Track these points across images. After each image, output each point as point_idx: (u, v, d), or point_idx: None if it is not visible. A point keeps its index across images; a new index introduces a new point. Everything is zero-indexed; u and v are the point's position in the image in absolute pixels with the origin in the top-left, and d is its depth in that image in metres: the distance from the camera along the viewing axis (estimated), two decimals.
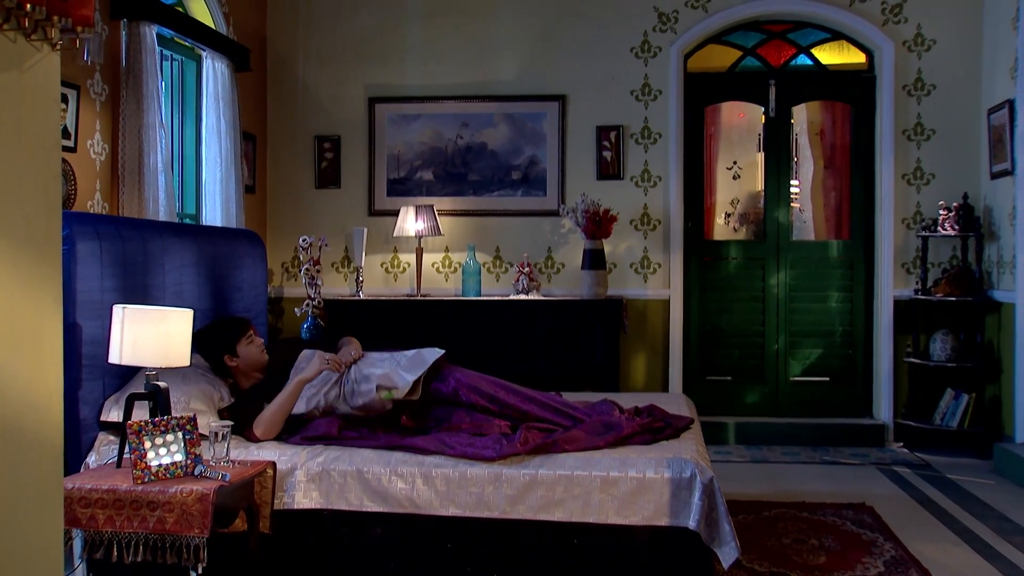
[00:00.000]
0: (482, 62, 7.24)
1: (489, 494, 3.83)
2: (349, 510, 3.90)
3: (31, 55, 1.82)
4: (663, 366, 7.14)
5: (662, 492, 3.77)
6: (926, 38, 6.96)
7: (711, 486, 3.75)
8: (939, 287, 6.71)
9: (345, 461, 3.92)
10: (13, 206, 1.78)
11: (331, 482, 3.91)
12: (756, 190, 7.45)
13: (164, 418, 3.63)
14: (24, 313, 1.81)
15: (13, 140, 1.78)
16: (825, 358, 7.23)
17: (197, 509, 3.41)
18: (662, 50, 7.13)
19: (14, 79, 1.77)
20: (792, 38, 7.27)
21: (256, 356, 4.56)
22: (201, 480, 3.53)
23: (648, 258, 7.14)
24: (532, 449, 3.93)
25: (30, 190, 1.83)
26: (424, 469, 3.87)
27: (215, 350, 4.54)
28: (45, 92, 1.87)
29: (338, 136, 7.34)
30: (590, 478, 3.80)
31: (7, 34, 1.75)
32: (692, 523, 3.70)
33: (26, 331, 1.82)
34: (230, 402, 4.39)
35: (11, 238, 1.77)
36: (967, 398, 6.60)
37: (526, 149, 7.22)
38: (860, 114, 7.19)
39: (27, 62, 1.81)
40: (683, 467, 3.79)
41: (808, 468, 6.27)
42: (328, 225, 7.30)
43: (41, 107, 1.86)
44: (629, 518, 3.77)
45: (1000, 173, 6.54)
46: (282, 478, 3.92)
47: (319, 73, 7.35)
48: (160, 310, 3.73)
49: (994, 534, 4.80)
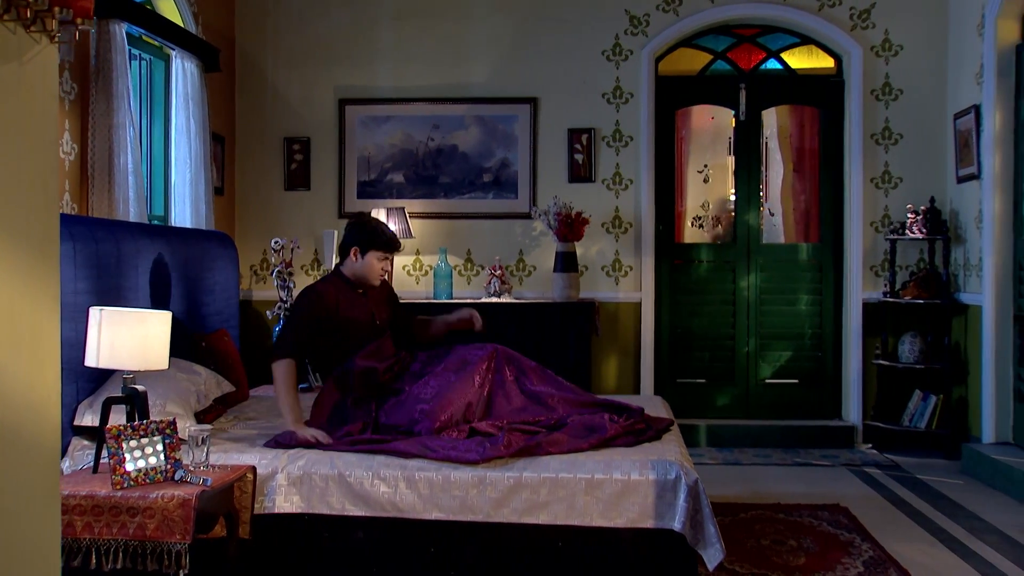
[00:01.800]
0: (453, 64, 7.21)
1: (473, 497, 3.79)
2: (331, 514, 3.85)
3: (30, 47, 1.77)
4: (634, 369, 7.14)
5: (647, 494, 3.76)
6: (893, 43, 7.03)
7: (696, 488, 3.74)
8: (907, 290, 6.78)
9: (327, 464, 3.87)
10: (13, 203, 1.73)
11: (312, 486, 3.86)
12: (726, 194, 7.48)
13: (143, 422, 3.56)
14: (24, 313, 1.75)
15: (13, 135, 1.73)
16: (795, 360, 7.28)
17: (179, 515, 3.35)
18: (633, 53, 7.14)
19: (13, 72, 1.71)
20: (762, 42, 7.31)
21: (368, 272, 4.55)
22: (182, 485, 3.47)
23: (619, 261, 7.15)
24: (516, 452, 3.90)
25: (29, 186, 1.78)
26: (407, 472, 3.83)
27: (356, 238, 4.54)
28: (44, 86, 1.81)
29: (307, 138, 7.27)
30: (575, 480, 3.78)
31: (7, 24, 1.69)
32: (677, 525, 3.70)
33: (25, 331, 1.76)
34: (219, 395, 4.43)
35: (11, 236, 1.72)
36: (935, 399, 6.67)
37: (497, 151, 7.19)
38: (829, 118, 7.25)
39: (26, 54, 1.75)
40: (668, 469, 3.78)
41: (780, 470, 6.30)
42: (298, 227, 7.23)
43: (40, 101, 1.81)
44: (614, 520, 3.76)
45: (966, 177, 6.62)
46: (262, 482, 3.86)
47: (288, 74, 7.28)
48: (139, 312, 3.66)
49: (967, 533, 4.85)
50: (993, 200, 6.23)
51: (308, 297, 4.45)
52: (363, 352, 4.36)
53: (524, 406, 4.30)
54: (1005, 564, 4.36)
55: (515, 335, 6.64)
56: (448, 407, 4.16)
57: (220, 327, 5.46)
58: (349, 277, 4.57)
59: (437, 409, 4.14)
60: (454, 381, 4.26)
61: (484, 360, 4.35)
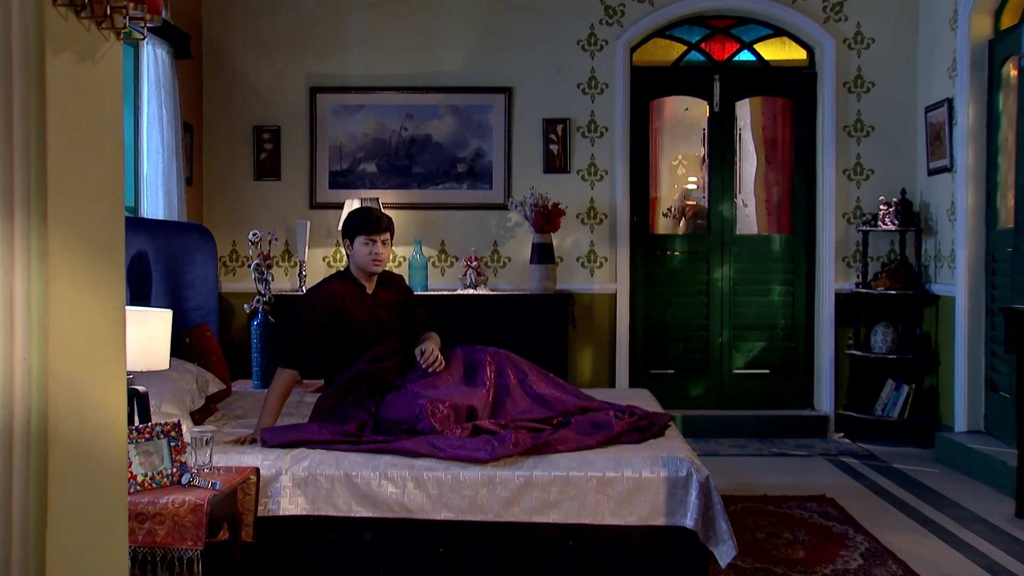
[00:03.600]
0: (427, 53, 7.11)
1: (483, 497, 3.75)
2: (337, 516, 3.77)
3: (101, 45, 1.68)
4: (610, 360, 7.14)
5: (658, 491, 3.75)
6: (865, 36, 7.09)
7: (707, 485, 3.74)
8: (879, 281, 6.85)
9: (332, 465, 3.79)
10: (84, 211, 1.63)
11: (318, 487, 3.78)
12: (700, 184, 7.49)
13: (148, 425, 3.46)
14: (95, 324, 1.67)
15: (85, 138, 1.63)
16: (768, 351, 7.33)
17: (190, 520, 3.26)
18: (608, 43, 7.11)
19: (87, 72, 1.62)
20: (735, 33, 7.33)
21: (361, 261, 4.46)
22: (191, 489, 3.37)
23: (595, 252, 7.13)
24: (524, 451, 3.86)
25: (98, 191, 1.69)
26: (415, 472, 3.76)
27: (344, 230, 4.52)
28: (111, 85, 1.72)
29: (278, 127, 7.13)
30: (586, 479, 3.75)
31: (82, 21, 1.60)
32: (689, 522, 3.69)
33: (97, 344, 1.67)
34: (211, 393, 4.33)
35: (82, 245, 1.62)
36: (908, 389, 6.77)
37: (472, 142, 7.12)
38: (802, 110, 7.30)
39: (98, 52, 1.66)
40: (679, 466, 3.77)
41: (759, 461, 6.34)
42: (268, 218, 7.09)
43: (108, 101, 1.71)
44: (625, 518, 3.74)
45: (938, 170, 6.70)
46: (266, 484, 3.77)
47: (258, 62, 7.12)
48: (141, 311, 3.55)
49: (955, 523, 4.91)
50: (966, 193, 6.32)
51: (310, 300, 4.37)
52: (367, 356, 4.28)
53: (529, 408, 4.25)
54: (997, 554, 4.43)
55: (492, 327, 6.59)
56: (450, 402, 4.10)
57: (201, 322, 5.34)
58: (355, 274, 4.50)
59: (439, 404, 4.08)
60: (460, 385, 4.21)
61: (488, 364, 4.30)
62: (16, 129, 1.44)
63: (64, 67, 1.55)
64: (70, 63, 1.57)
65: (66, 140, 1.56)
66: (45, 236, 1.49)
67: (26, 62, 1.45)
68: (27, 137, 1.46)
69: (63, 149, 1.55)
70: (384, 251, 4.48)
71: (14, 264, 1.46)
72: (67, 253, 1.56)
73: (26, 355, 1.48)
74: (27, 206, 1.47)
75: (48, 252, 1.50)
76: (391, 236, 4.54)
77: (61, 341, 1.55)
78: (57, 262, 1.53)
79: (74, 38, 1.58)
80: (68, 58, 1.56)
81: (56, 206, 1.53)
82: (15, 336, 1.47)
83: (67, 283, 1.57)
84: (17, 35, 1.43)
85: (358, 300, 4.43)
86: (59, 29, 1.53)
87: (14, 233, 1.46)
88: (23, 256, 1.47)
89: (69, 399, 1.58)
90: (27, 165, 1.47)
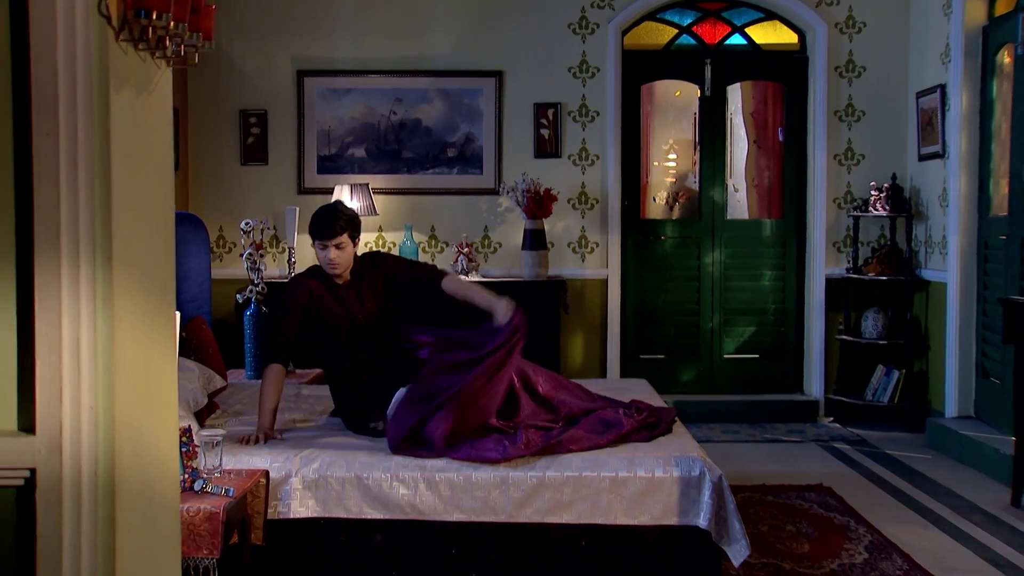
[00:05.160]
0: (416, 36, 7.01)
1: (495, 498, 3.73)
2: (348, 518, 3.74)
3: (154, 74, 1.61)
4: (601, 346, 7.13)
5: (671, 491, 3.74)
6: (857, 20, 7.07)
7: (720, 484, 3.74)
8: (870, 266, 6.87)
9: (342, 467, 3.76)
10: (142, 248, 1.58)
11: (328, 489, 3.74)
12: (691, 169, 7.47)
13: None
14: (154, 366, 1.61)
15: (142, 172, 1.57)
16: (758, 336, 7.34)
17: (206, 529, 3.21)
18: (600, 27, 7.04)
19: (143, 104, 1.56)
20: (727, 17, 7.28)
21: (320, 261, 4.26)
22: (205, 496, 3.32)
23: (586, 237, 7.10)
24: (537, 451, 3.83)
25: (153, 224, 1.63)
26: (427, 474, 3.74)
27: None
28: (163, 114, 1.66)
29: (265, 111, 7.02)
30: (599, 479, 3.74)
31: (140, 53, 1.54)
32: (703, 522, 3.69)
33: (155, 385, 1.62)
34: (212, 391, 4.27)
35: (142, 285, 1.57)
36: (898, 374, 6.80)
37: (462, 126, 7.05)
38: (793, 94, 7.28)
39: (152, 82, 1.60)
40: (691, 465, 3.77)
41: (752, 447, 6.36)
42: (255, 203, 6.99)
43: (161, 131, 1.65)
44: (638, 518, 3.73)
45: (929, 155, 6.71)
46: (275, 486, 3.73)
47: (244, 44, 6.99)
48: None
49: (953, 513, 4.95)
50: (959, 179, 6.33)
51: (284, 297, 4.26)
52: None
53: (534, 412, 4.20)
54: (999, 545, 4.46)
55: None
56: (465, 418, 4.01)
57: (196, 314, 5.26)
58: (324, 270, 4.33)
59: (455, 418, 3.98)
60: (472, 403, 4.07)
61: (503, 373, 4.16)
62: (81, 172, 1.38)
63: (126, 102, 1.49)
64: (130, 97, 1.51)
65: (127, 177, 1.50)
66: (111, 280, 1.44)
67: (91, 102, 1.39)
68: (92, 177, 1.41)
69: (125, 186, 1.49)
70: (338, 254, 4.20)
71: (80, 311, 1.41)
72: (129, 296, 1.51)
73: (93, 404, 1.43)
74: (92, 250, 1.41)
75: (113, 296, 1.45)
76: (351, 236, 4.24)
77: (125, 387, 1.50)
78: (121, 305, 1.48)
79: (133, 71, 1.51)
80: (129, 93, 1.50)
81: (120, 247, 1.47)
82: (82, 386, 1.42)
83: (130, 326, 1.52)
84: (82, 74, 1.37)
85: (331, 296, 4.26)
86: (121, 64, 1.47)
87: (80, 279, 1.40)
88: (89, 303, 1.41)
89: (133, 446, 1.53)
90: (92, 207, 1.41)
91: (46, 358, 1.41)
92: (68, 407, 1.42)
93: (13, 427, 1.45)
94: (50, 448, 1.42)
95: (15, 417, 1.45)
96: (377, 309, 4.34)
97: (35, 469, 1.42)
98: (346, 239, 4.21)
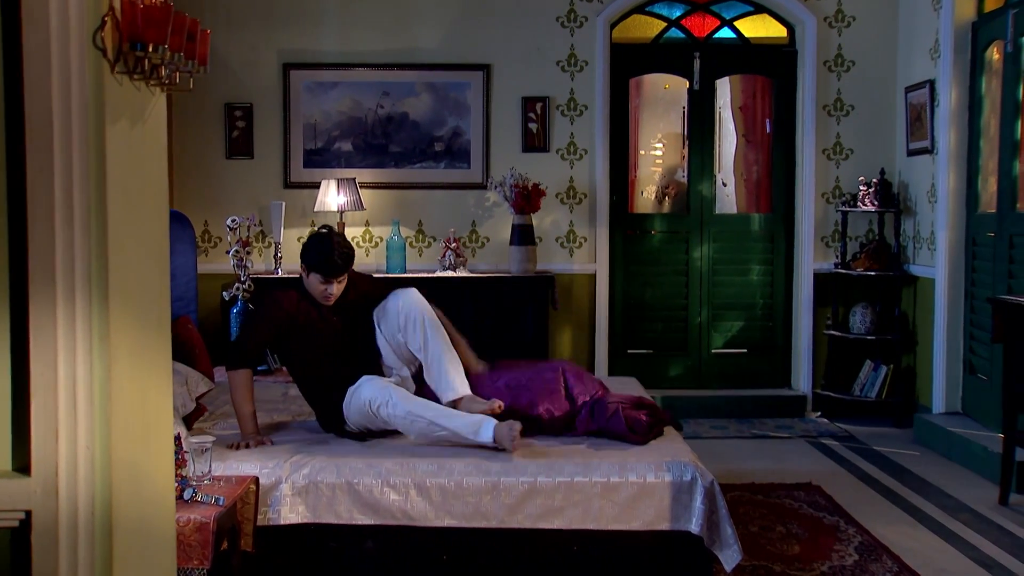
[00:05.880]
0: (403, 29, 6.95)
1: (487, 504, 3.71)
2: (338, 524, 3.72)
3: (149, 101, 1.57)
4: (589, 341, 7.11)
5: (663, 496, 3.74)
6: (846, 14, 7.05)
7: (712, 489, 3.73)
8: (858, 261, 6.87)
9: (333, 473, 3.74)
10: (136, 280, 1.54)
11: (319, 495, 3.72)
12: (680, 163, 7.45)
13: None
14: (150, 400, 1.58)
15: (137, 203, 1.53)
16: (746, 330, 7.34)
17: (196, 539, 3.17)
18: (588, 20, 7.00)
19: (138, 134, 1.52)
20: (716, 10, 7.25)
21: (313, 291, 4.21)
22: (195, 506, 3.28)
23: (574, 232, 7.07)
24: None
25: (147, 254, 1.59)
26: (418, 479, 3.72)
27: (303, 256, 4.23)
28: (158, 141, 1.62)
29: (250, 104, 6.96)
30: (590, 484, 3.73)
31: (135, 83, 1.50)
32: (695, 527, 3.69)
33: (151, 419, 1.59)
34: (200, 394, 4.23)
35: (137, 319, 1.53)
36: (886, 369, 6.82)
37: (449, 120, 7.00)
38: (782, 88, 7.26)
39: (146, 110, 1.56)
40: (683, 470, 3.76)
41: (740, 444, 6.36)
42: (241, 198, 6.93)
43: (154, 158, 1.61)
44: (630, 523, 3.73)
45: (917, 151, 6.71)
46: (265, 492, 3.70)
47: (229, 36, 6.91)
48: None
49: (942, 512, 4.96)
50: (948, 175, 6.33)
51: (271, 307, 4.19)
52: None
53: None
54: (987, 545, 4.48)
55: (472, 310, 6.53)
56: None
57: (182, 314, 5.22)
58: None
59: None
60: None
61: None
62: (77, 208, 1.35)
63: (121, 134, 1.45)
64: (125, 128, 1.47)
65: (122, 209, 1.46)
66: (107, 317, 1.41)
67: (86, 136, 1.35)
68: (87, 213, 1.37)
69: (120, 219, 1.46)
70: (338, 288, 4.22)
71: (76, 349, 1.37)
72: (126, 331, 1.48)
73: (89, 444, 1.40)
74: (88, 287, 1.38)
75: (110, 334, 1.42)
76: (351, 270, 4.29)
77: (122, 424, 1.47)
78: (118, 342, 1.45)
79: (128, 102, 1.47)
80: (124, 124, 1.46)
81: (116, 281, 1.44)
82: (78, 426, 1.39)
83: (126, 363, 1.48)
84: (77, 108, 1.34)
85: (316, 315, 4.24)
86: (116, 95, 1.43)
87: (76, 317, 1.37)
88: (86, 341, 1.38)
89: (130, 483, 1.50)
90: (88, 243, 1.37)
91: (41, 398, 1.38)
92: (64, 448, 1.39)
93: (8, 468, 1.42)
94: (46, 490, 1.38)
95: (10, 458, 1.42)
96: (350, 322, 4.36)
97: (31, 511, 1.39)
98: (345, 276, 4.25)
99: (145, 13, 1.37)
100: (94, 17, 1.36)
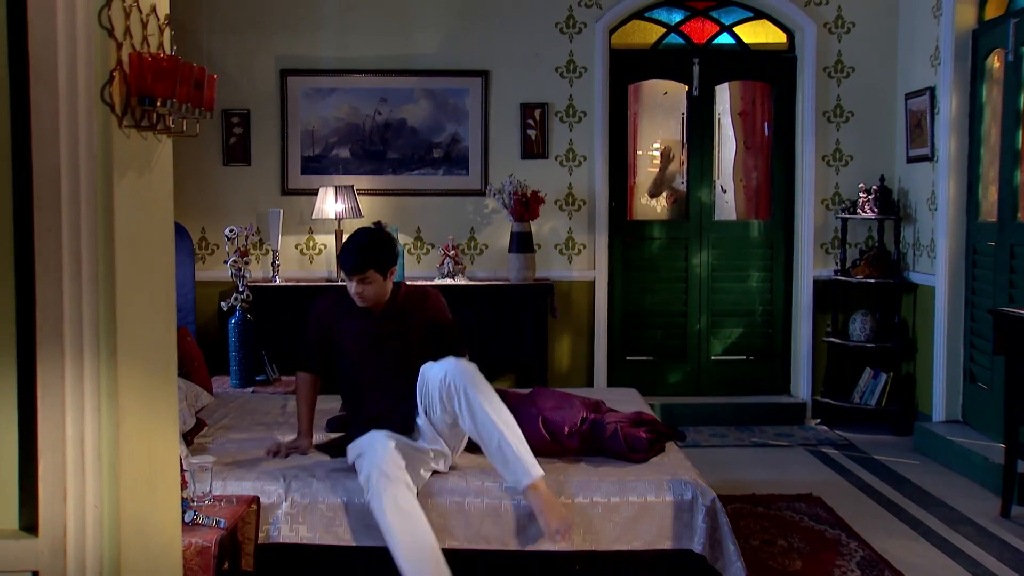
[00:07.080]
0: (402, 35, 6.92)
1: (488, 526, 3.70)
2: (339, 545, 3.70)
3: (155, 149, 1.55)
4: (588, 348, 7.09)
5: (664, 516, 3.73)
6: (846, 20, 7.03)
7: (714, 507, 3.72)
8: (858, 268, 6.86)
9: (334, 493, 3.72)
10: (143, 333, 1.52)
11: (319, 515, 3.70)
12: (679, 169, 7.43)
13: None
14: (158, 453, 1.56)
15: (144, 253, 1.51)
16: (745, 337, 7.33)
17: (197, 563, 3.15)
18: (587, 26, 6.97)
19: (145, 184, 1.49)
20: (715, 16, 7.22)
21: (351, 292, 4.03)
22: (196, 529, 3.25)
23: (573, 239, 7.05)
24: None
25: (154, 305, 1.57)
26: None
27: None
28: (163, 189, 1.60)
29: (247, 110, 6.92)
30: (591, 505, 3.72)
31: (143, 134, 1.47)
32: (697, 546, 3.68)
33: (159, 471, 1.57)
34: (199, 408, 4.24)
35: (144, 373, 1.51)
36: (886, 377, 6.80)
37: (448, 126, 6.97)
38: (781, 94, 7.24)
39: (153, 159, 1.53)
40: (684, 489, 3.75)
41: (740, 452, 6.35)
42: (238, 205, 6.90)
43: (161, 206, 1.59)
44: (632, 543, 3.72)
45: (917, 158, 6.69)
46: (266, 511, 3.69)
47: (225, 42, 6.88)
48: None
49: (944, 525, 4.95)
50: (948, 183, 6.31)
51: (311, 311, 4.24)
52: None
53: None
54: (988, 560, 4.46)
55: (472, 318, 6.49)
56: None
57: (180, 325, 5.19)
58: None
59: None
60: None
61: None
62: (85, 266, 1.33)
63: (128, 186, 1.43)
64: (133, 180, 1.44)
65: (129, 262, 1.44)
66: (115, 374, 1.38)
67: (94, 192, 1.33)
68: (95, 270, 1.35)
69: (127, 273, 1.43)
70: (366, 288, 3.98)
71: (84, 408, 1.35)
72: (134, 388, 1.45)
73: (98, 503, 1.38)
74: (96, 344, 1.36)
75: (118, 391, 1.39)
76: (381, 270, 3.99)
77: (130, 480, 1.45)
78: (126, 398, 1.43)
79: (136, 154, 1.45)
80: (131, 176, 1.44)
81: (124, 336, 1.41)
82: (87, 484, 1.36)
83: (135, 417, 1.46)
84: (85, 164, 1.31)
85: (355, 314, 4.10)
86: (124, 148, 1.41)
87: (84, 375, 1.35)
88: (93, 399, 1.36)
89: (138, 537, 1.48)
90: (96, 300, 1.35)
91: (49, 457, 1.36)
92: (72, 507, 1.37)
93: (15, 527, 1.39)
94: (53, 550, 1.36)
95: (17, 517, 1.39)
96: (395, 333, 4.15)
97: (38, 572, 1.37)
98: (372, 274, 3.97)
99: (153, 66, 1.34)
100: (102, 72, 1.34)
